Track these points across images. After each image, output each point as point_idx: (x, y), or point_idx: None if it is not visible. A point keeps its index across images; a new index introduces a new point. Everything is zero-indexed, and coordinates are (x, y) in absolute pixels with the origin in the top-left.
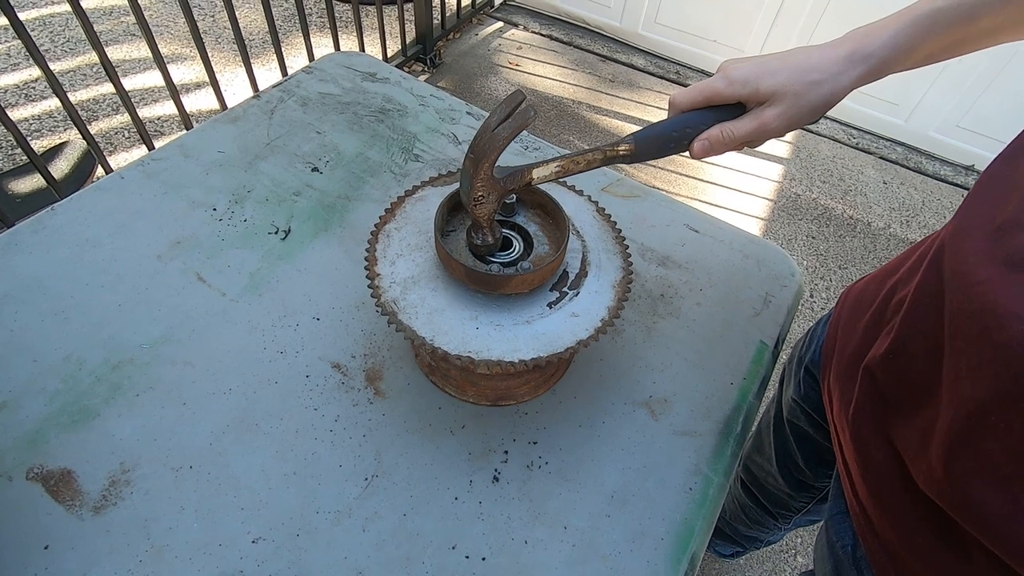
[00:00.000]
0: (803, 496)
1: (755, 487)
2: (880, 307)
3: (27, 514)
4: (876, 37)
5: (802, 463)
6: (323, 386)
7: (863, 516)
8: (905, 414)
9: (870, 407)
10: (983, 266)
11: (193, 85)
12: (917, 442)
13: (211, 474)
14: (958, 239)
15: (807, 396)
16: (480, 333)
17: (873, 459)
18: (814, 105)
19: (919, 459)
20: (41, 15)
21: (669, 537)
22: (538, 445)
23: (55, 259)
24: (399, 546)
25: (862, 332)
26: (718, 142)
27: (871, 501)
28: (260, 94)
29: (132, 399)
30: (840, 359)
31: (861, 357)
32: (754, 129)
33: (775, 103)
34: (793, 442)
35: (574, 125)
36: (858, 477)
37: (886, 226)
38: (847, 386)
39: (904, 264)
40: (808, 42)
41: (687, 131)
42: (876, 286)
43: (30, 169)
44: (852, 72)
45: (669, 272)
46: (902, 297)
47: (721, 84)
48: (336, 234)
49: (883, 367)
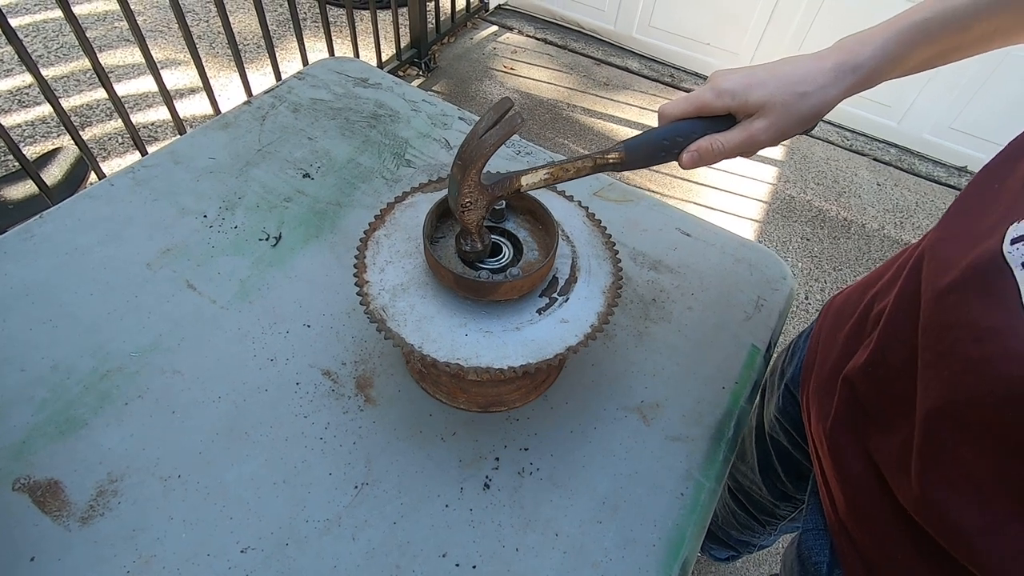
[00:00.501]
0: (787, 506)
1: (741, 494)
2: (860, 318)
3: (13, 525)
4: (865, 47)
5: (783, 476)
6: (313, 393)
7: (841, 529)
8: (884, 427)
9: (849, 419)
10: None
11: (187, 90)
12: (896, 456)
13: (200, 483)
14: (937, 248)
15: (786, 412)
16: (469, 340)
17: (851, 471)
18: (803, 116)
19: (898, 474)
20: (35, 21)
21: (661, 543)
22: (529, 451)
23: (44, 267)
24: (389, 554)
25: (842, 344)
26: (707, 153)
27: (849, 514)
28: (252, 100)
29: (121, 408)
30: (820, 372)
31: (840, 369)
32: (743, 141)
33: (763, 115)
34: (774, 455)
35: (568, 128)
36: (836, 490)
37: (880, 227)
38: (826, 399)
39: (884, 275)
40: (801, 45)
41: (678, 140)
42: (857, 297)
43: (22, 176)
44: (841, 83)
45: (661, 276)
46: (882, 308)
47: (710, 95)
48: (327, 240)
49: (863, 378)
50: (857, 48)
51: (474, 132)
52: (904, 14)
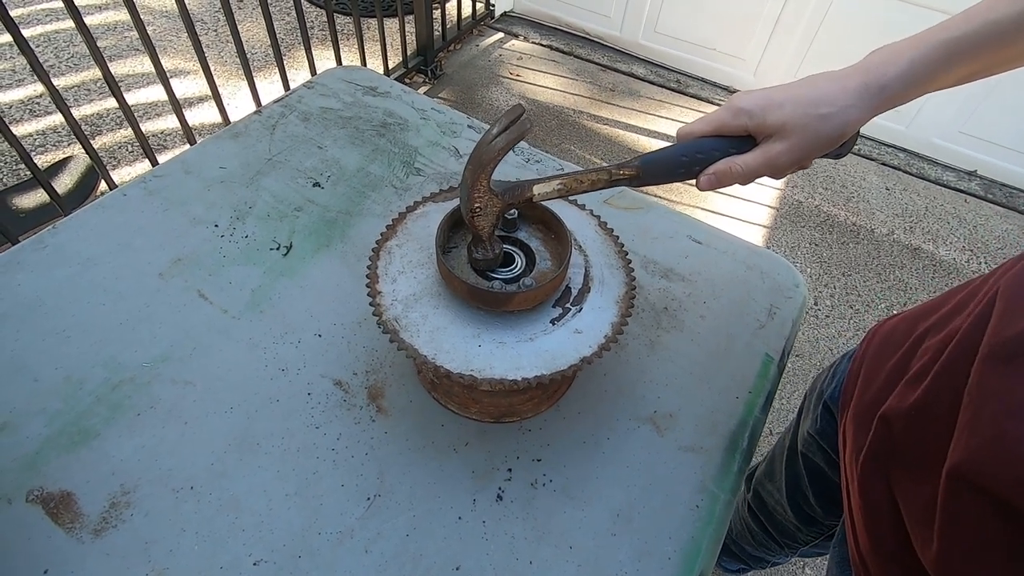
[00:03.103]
0: (811, 531)
1: (763, 514)
2: (908, 351)
3: (27, 537)
4: (892, 66)
5: (812, 499)
6: (325, 404)
7: (862, 566)
8: (915, 475)
9: (881, 459)
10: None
11: (196, 99)
12: (921, 508)
13: (212, 495)
14: (1014, 291)
15: (823, 432)
16: (483, 351)
17: (878, 510)
18: (824, 138)
19: (920, 527)
20: (46, 31)
21: (676, 556)
22: (542, 463)
23: (56, 277)
24: (402, 568)
25: (885, 376)
26: (725, 176)
27: (872, 554)
28: (261, 109)
29: (133, 419)
30: (860, 401)
31: (880, 403)
32: (762, 163)
33: (782, 137)
34: (805, 476)
35: (575, 135)
36: (861, 528)
37: (889, 232)
38: (860, 432)
39: (940, 308)
40: (807, 51)
41: (698, 156)
42: (905, 328)
43: (34, 184)
44: (864, 104)
45: (672, 285)
46: (933, 344)
47: (727, 115)
48: (338, 250)
49: (903, 420)
50: (882, 68)
51: (485, 137)
52: (934, 30)
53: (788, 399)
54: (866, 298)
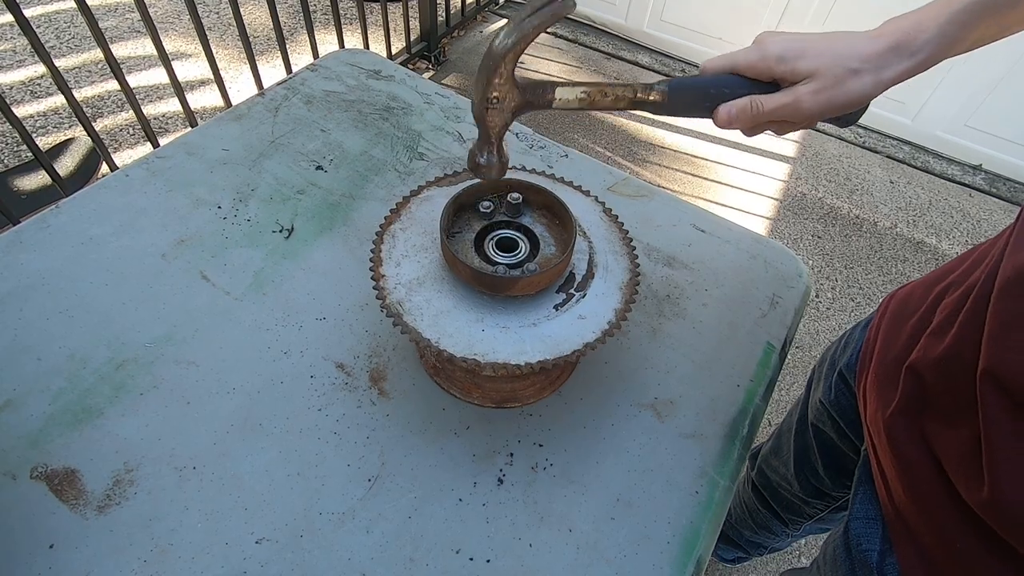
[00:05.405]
0: (818, 503)
1: (767, 491)
2: (928, 310)
3: (31, 513)
4: (925, 31)
5: (821, 470)
6: (327, 386)
7: (898, 518)
8: (949, 423)
9: (911, 409)
10: None
11: (198, 82)
12: (959, 451)
13: (215, 474)
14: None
15: (836, 401)
16: (486, 335)
17: (912, 462)
18: (853, 95)
19: (960, 470)
20: (47, 12)
21: (675, 541)
22: (543, 447)
23: (59, 257)
24: (403, 548)
25: (908, 334)
26: (744, 112)
27: (909, 506)
28: (264, 92)
29: (136, 398)
30: (881, 361)
31: (905, 358)
32: (786, 104)
33: (811, 83)
34: (815, 448)
35: (579, 123)
36: (894, 479)
37: (892, 225)
38: (886, 389)
39: (955, 270)
40: None
41: (724, 91)
42: (923, 291)
43: (35, 166)
44: (897, 66)
45: (675, 272)
46: (950, 300)
47: (755, 56)
48: (340, 233)
49: (934, 369)
50: (914, 32)
51: (517, 15)
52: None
53: (788, 390)
54: (867, 291)
